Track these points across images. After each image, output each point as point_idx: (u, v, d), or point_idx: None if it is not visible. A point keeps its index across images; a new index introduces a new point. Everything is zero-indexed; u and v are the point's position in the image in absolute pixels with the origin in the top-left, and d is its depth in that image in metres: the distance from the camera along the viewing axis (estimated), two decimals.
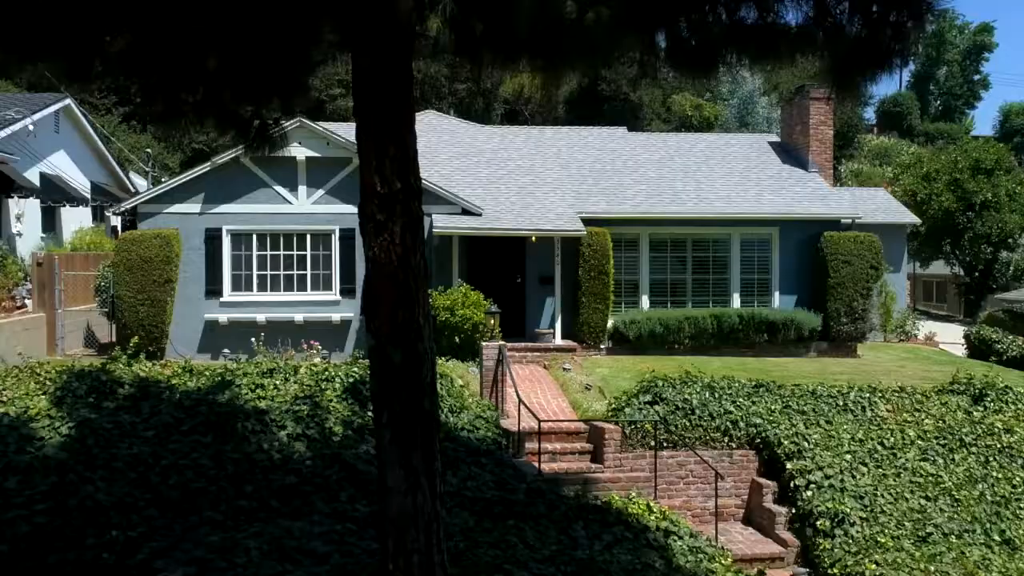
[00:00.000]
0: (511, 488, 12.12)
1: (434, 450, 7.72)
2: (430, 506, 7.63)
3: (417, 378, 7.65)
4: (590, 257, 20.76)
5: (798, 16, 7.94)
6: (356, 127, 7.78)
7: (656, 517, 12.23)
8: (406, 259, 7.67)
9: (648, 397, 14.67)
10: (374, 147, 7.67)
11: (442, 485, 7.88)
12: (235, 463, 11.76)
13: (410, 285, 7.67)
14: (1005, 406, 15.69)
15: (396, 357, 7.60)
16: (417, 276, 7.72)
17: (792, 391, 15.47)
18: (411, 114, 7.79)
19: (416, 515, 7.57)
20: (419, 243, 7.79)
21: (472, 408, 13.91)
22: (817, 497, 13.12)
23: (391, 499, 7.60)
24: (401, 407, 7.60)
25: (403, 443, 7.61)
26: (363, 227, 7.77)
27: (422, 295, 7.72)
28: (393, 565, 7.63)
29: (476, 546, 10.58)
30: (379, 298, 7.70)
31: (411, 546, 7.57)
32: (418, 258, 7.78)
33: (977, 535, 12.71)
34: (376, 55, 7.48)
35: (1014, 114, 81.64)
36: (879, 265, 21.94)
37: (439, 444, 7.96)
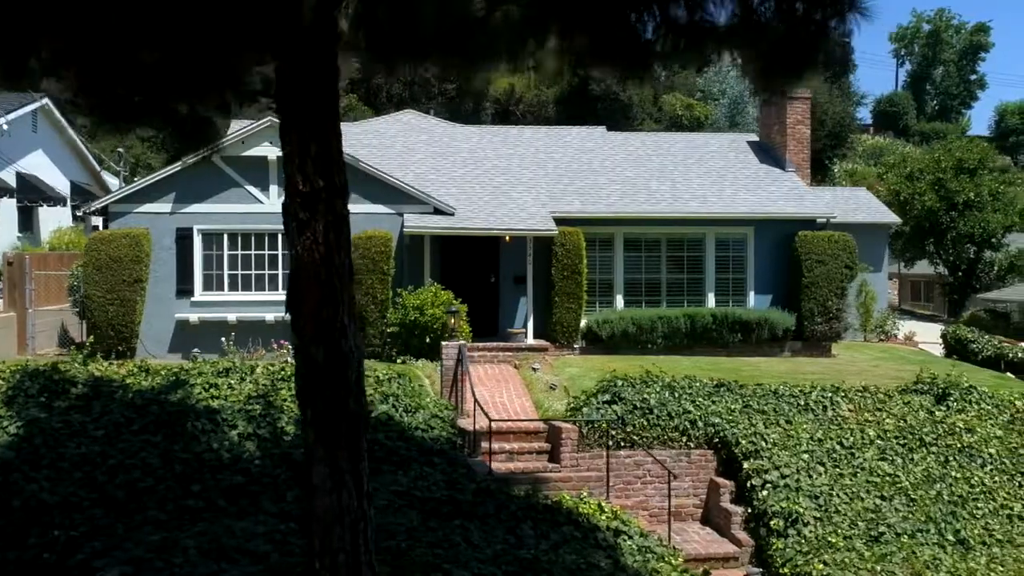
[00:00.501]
0: (461, 488, 12.11)
1: (360, 449, 7.71)
2: (356, 505, 7.63)
3: (342, 377, 7.64)
4: (563, 257, 20.73)
5: (725, 15, 7.93)
6: (279, 125, 7.79)
7: (607, 517, 12.22)
8: (330, 258, 7.67)
9: (607, 397, 14.66)
10: (296, 145, 7.67)
11: (369, 484, 7.88)
12: (184, 462, 11.77)
13: (334, 284, 7.67)
14: (968, 406, 15.65)
15: (319, 356, 7.60)
16: (342, 275, 7.71)
17: (754, 391, 15.46)
18: (334, 112, 7.78)
19: (342, 514, 7.57)
20: (344, 242, 7.78)
21: (429, 408, 13.90)
22: (772, 497, 13.10)
23: (317, 498, 7.59)
24: (325, 406, 7.59)
25: (328, 442, 7.60)
26: (287, 226, 7.77)
27: (347, 294, 7.72)
28: (319, 564, 7.63)
29: (418, 545, 10.58)
30: (303, 297, 7.70)
31: (337, 545, 7.57)
32: (343, 257, 7.77)
33: (931, 535, 12.68)
34: (291, 55, 7.48)
35: (1009, 114, 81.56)
36: (853, 265, 21.90)
37: (367, 443, 7.95)
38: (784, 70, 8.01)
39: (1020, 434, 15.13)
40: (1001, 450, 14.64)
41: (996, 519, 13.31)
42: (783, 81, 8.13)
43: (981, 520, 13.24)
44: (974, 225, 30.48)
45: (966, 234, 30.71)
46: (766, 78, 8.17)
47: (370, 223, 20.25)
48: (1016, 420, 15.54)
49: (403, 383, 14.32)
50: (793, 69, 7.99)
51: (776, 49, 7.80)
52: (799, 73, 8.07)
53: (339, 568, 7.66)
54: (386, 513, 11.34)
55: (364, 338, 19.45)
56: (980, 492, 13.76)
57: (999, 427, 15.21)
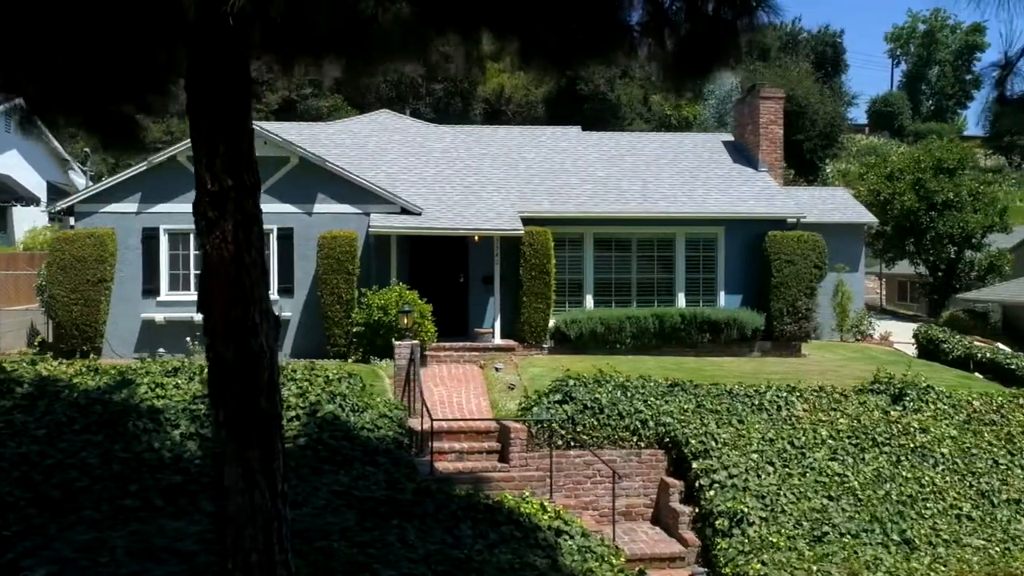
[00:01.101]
0: (401, 487, 12.11)
1: (274, 449, 7.68)
2: (270, 505, 7.60)
3: (253, 376, 7.61)
4: (531, 257, 20.72)
5: (638, 15, 7.93)
6: (189, 124, 7.77)
7: (549, 516, 12.21)
8: (240, 257, 7.63)
9: (558, 397, 14.65)
10: (205, 144, 7.63)
11: (285, 484, 7.85)
12: (123, 462, 11.76)
13: (244, 283, 7.63)
14: (925, 406, 15.63)
15: (228, 355, 7.57)
16: (252, 274, 7.68)
17: (708, 390, 15.44)
18: (244, 110, 7.74)
19: (254, 513, 7.54)
20: (255, 240, 7.74)
21: (378, 407, 13.89)
22: (719, 496, 13.08)
23: (229, 498, 7.58)
24: (236, 405, 7.56)
25: (239, 442, 7.58)
26: (197, 224, 7.75)
27: (258, 293, 7.69)
28: (232, 563, 7.61)
29: (351, 545, 10.57)
30: (212, 296, 7.67)
31: (249, 544, 7.54)
32: (253, 256, 7.73)
33: (876, 535, 12.65)
34: (195, 53, 7.46)
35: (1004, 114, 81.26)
36: (823, 264, 21.85)
37: (282, 443, 7.93)
38: (692, 69, 8.00)
39: (975, 434, 15.11)
40: (954, 450, 14.61)
41: (944, 519, 13.28)
42: (693, 78, 8.12)
43: (929, 520, 13.21)
44: (953, 225, 30.42)
45: (945, 234, 30.65)
46: (676, 75, 8.15)
47: (337, 223, 20.27)
48: (973, 420, 15.51)
49: (353, 383, 14.31)
50: (702, 67, 7.99)
51: (687, 48, 7.80)
52: (707, 71, 8.06)
53: (252, 568, 7.63)
54: (324, 513, 11.33)
55: (330, 338, 19.49)
56: (930, 492, 13.73)
57: (954, 427, 15.18)
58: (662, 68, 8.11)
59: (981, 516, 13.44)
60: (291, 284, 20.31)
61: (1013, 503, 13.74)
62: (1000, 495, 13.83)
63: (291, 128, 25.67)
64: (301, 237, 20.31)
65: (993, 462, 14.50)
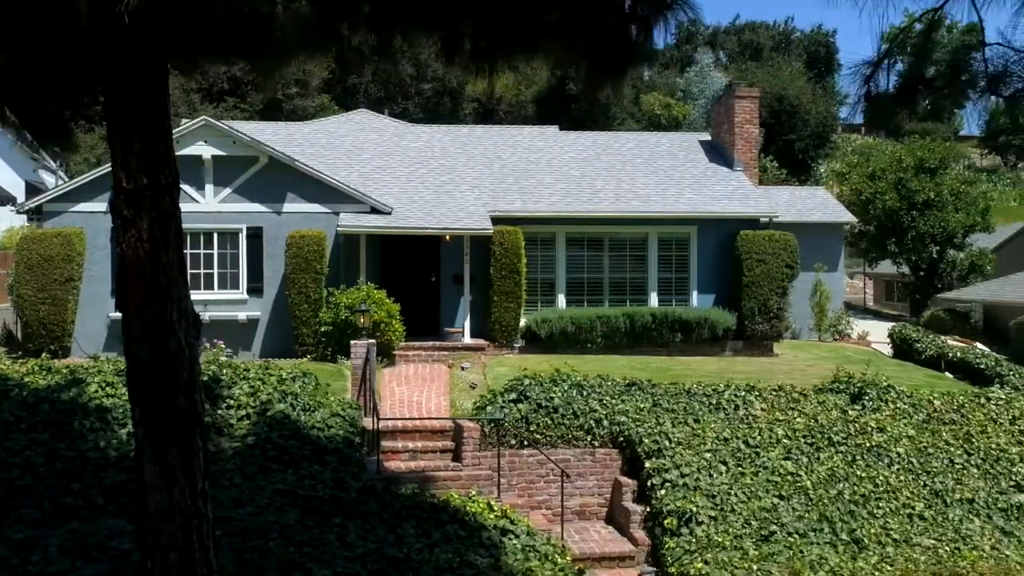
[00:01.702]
0: (347, 486, 12.10)
1: (193, 447, 7.68)
2: (189, 503, 7.60)
3: (170, 375, 7.62)
4: (501, 256, 20.71)
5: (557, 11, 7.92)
6: (106, 123, 7.77)
7: (495, 516, 12.19)
8: (156, 255, 7.63)
9: (513, 396, 14.64)
10: (120, 142, 7.63)
11: (206, 482, 7.85)
12: (67, 460, 11.77)
13: (160, 282, 7.63)
14: (884, 405, 15.59)
15: (143, 353, 7.57)
16: (169, 272, 7.68)
17: (666, 390, 15.41)
18: (161, 109, 7.73)
19: (172, 512, 7.55)
20: (172, 239, 7.74)
21: (332, 406, 13.88)
22: (669, 495, 13.06)
23: (148, 495, 7.58)
24: (154, 404, 7.57)
25: (157, 440, 7.58)
26: (113, 223, 7.75)
27: (175, 291, 7.68)
28: (151, 562, 7.62)
29: (288, 544, 10.57)
30: (129, 294, 7.68)
31: (167, 543, 7.55)
32: (170, 255, 7.73)
33: (824, 534, 12.62)
34: (101, 54, 7.46)
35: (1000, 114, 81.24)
36: (794, 264, 21.84)
37: (202, 442, 7.92)
38: (608, 68, 8.00)
39: (933, 433, 15.07)
40: (910, 449, 14.57)
41: (896, 518, 13.24)
42: (610, 75, 8.10)
43: (880, 519, 13.17)
44: (934, 224, 30.36)
45: (926, 234, 30.59)
46: (593, 72, 8.14)
47: (307, 222, 20.29)
48: (932, 419, 15.47)
49: (307, 382, 14.31)
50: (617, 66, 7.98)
51: (605, 45, 7.80)
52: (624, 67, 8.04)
53: (170, 566, 7.64)
54: (266, 512, 11.33)
55: (299, 337, 19.50)
56: (884, 491, 13.69)
57: (912, 426, 15.14)
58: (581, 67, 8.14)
59: (933, 516, 13.40)
60: (260, 284, 20.32)
61: (966, 503, 13.70)
62: (954, 495, 13.79)
63: (267, 128, 25.70)
64: (270, 236, 20.32)
65: (949, 461, 14.46)
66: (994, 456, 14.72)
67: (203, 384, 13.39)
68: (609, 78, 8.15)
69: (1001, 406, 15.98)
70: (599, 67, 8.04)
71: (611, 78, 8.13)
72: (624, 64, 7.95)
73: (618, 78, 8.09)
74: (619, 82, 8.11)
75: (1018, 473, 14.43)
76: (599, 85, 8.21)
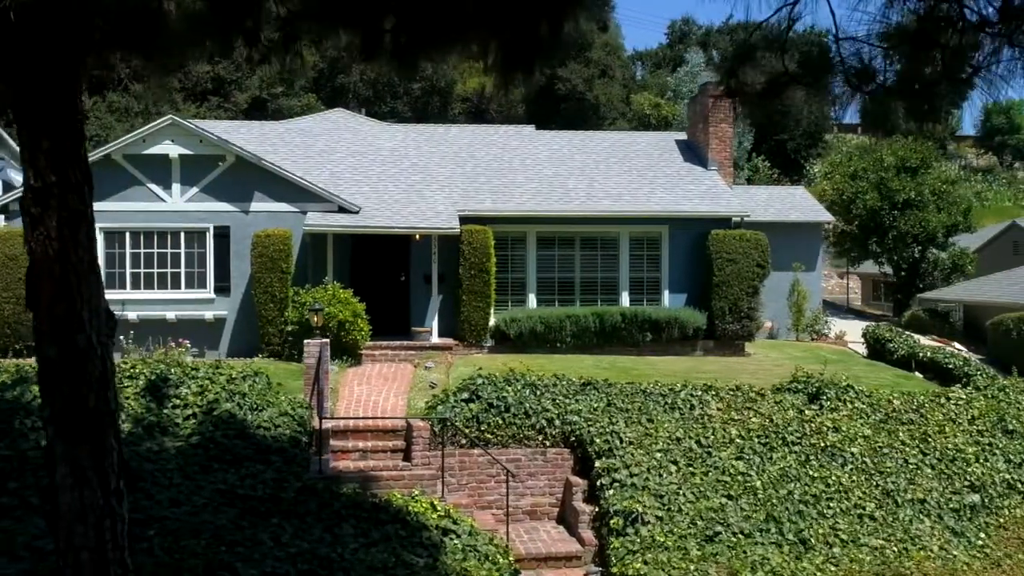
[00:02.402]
0: (287, 486, 12.05)
1: (105, 446, 7.62)
2: (102, 503, 7.55)
3: (80, 374, 7.56)
4: (470, 255, 20.65)
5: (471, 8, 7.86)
6: (15, 120, 7.72)
7: (438, 515, 12.14)
8: (64, 253, 7.57)
9: (465, 395, 14.58)
10: (28, 140, 7.58)
11: (121, 481, 7.80)
12: (6, 460, 11.73)
13: (70, 280, 7.57)
14: (842, 404, 15.51)
15: (51, 352, 7.51)
16: (80, 271, 7.62)
17: (621, 389, 15.35)
18: (70, 106, 7.66)
19: (84, 512, 7.50)
20: (82, 238, 7.68)
21: (281, 405, 13.84)
22: (617, 495, 13.00)
23: (60, 495, 7.53)
24: (64, 403, 7.51)
25: (68, 439, 7.53)
26: (23, 221, 7.70)
27: (85, 289, 7.63)
28: (63, 561, 7.57)
29: (220, 543, 10.53)
30: (38, 293, 7.63)
31: (79, 542, 7.49)
32: (80, 253, 7.66)
33: (771, 534, 12.55)
34: None
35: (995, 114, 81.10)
36: (765, 264, 21.74)
37: (117, 441, 7.87)
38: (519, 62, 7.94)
39: (890, 433, 14.99)
40: (865, 449, 14.50)
41: (846, 518, 13.17)
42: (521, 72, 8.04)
43: (830, 519, 13.10)
44: (914, 224, 30.26)
45: (907, 233, 30.49)
46: (505, 70, 8.09)
47: (274, 221, 20.25)
48: (890, 419, 15.39)
49: (257, 381, 14.27)
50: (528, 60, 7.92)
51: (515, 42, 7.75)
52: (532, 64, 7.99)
53: (83, 566, 7.59)
54: (202, 512, 11.28)
55: (264, 336, 19.45)
56: (835, 491, 13.62)
57: (869, 426, 15.07)
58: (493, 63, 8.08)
59: (884, 516, 13.32)
60: (227, 283, 20.28)
61: (918, 503, 13.63)
62: (905, 495, 13.72)
63: (242, 127, 25.68)
64: (238, 236, 20.28)
65: (904, 461, 14.39)
66: (950, 456, 14.64)
67: (151, 383, 13.40)
68: (520, 71, 8.11)
69: (961, 406, 15.90)
70: (511, 61, 7.98)
71: (522, 71, 8.08)
72: (533, 59, 7.89)
73: (529, 72, 8.04)
74: (530, 76, 8.06)
75: (973, 473, 14.35)
76: (511, 78, 8.17)
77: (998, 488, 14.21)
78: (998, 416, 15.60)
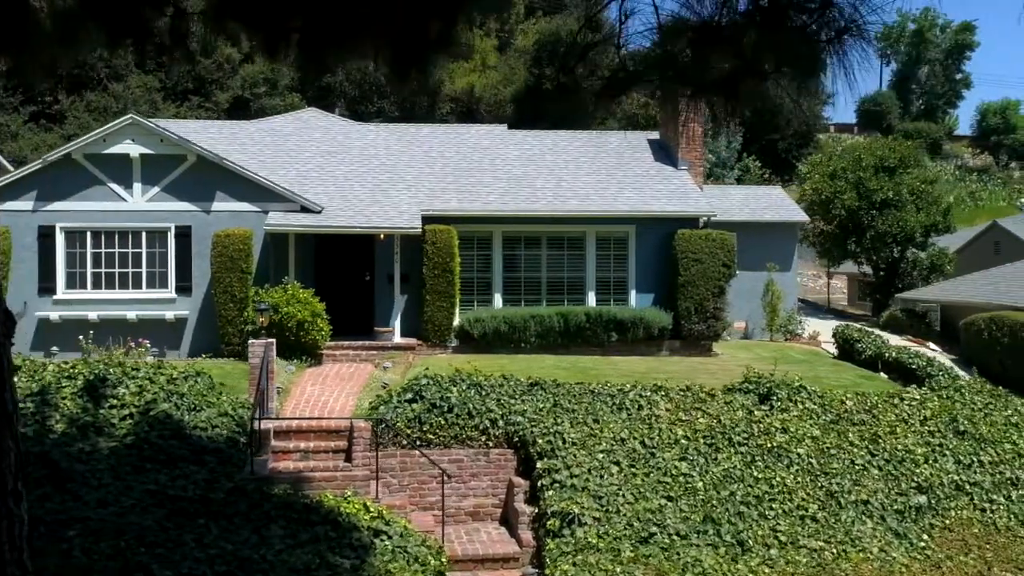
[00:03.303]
0: (219, 487, 11.98)
1: (3, 447, 7.56)
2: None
3: None
4: (433, 255, 20.59)
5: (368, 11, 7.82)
6: None
7: (370, 516, 12.06)
8: None
9: (409, 395, 14.50)
10: None
11: (19, 482, 7.72)
12: None
13: None
14: (793, 405, 15.41)
15: None
16: None
17: (569, 390, 15.26)
18: None
19: None
20: None
21: (222, 406, 13.77)
22: (556, 496, 12.91)
23: None
24: None
25: None
26: None
27: None
28: None
29: (141, 544, 10.46)
30: None
31: None
32: None
33: (708, 536, 12.45)
34: None
35: (991, 114, 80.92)
36: (731, 263, 21.63)
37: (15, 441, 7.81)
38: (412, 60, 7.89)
39: (839, 434, 14.88)
40: (812, 450, 14.39)
41: (787, 520, 13.06)
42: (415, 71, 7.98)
43: (771, 521, 12.99)
44: (892, 224, 30.11)
45: (885, 233, 30.34)
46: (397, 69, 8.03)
47: (236, 221, 20.19)
48: (841, 420, 15.29)
49: (199, 381, 14.21)
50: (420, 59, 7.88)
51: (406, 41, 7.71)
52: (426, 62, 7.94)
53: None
54: (129, 513, 11.22)
55: (224, 336, 19.39)
56: (778, 492, 13.52)
57: (818, 427, 14.96)
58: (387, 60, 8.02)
59: (826, 517, 13.22)
60: (189, 283, 20.23)
61: (861, 504, 13.51)
62: (849, 496, 13.61)
63: (211, 126, 25.65)
64: (199, 235, 20.22)
65: (851, 462, 14.28)
66: (899, 457, 14.53)
67: (88, 384, 13.33)
68: (414, 70, 8.06)
69: (914, 407, 15.79)
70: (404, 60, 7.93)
71: (416, 70, 8.03)
72: (425, 56, 7.84)
73: (423, 70, 7.99)
74: (423, 74, 8.00)
75: (921, 474, 14.24)
76: (406, 77, 8.12)
77: (946, 489, 14.10)
78: (951, 417, 15.49)
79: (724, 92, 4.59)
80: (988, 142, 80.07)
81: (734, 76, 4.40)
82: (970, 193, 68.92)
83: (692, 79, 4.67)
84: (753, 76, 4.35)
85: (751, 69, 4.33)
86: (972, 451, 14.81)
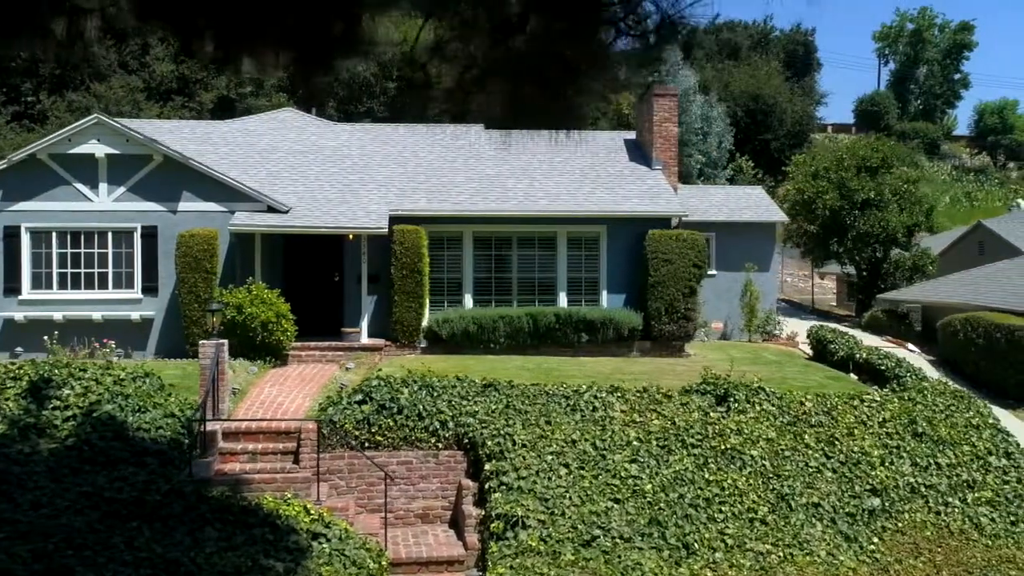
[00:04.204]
0: (155, 489, 11.89)
1: None
2: None
3: None
4: (402, 255, 20.49)
5: None
6: None
7: (310, 519, 11.96)
8: None
9: (359, 397, 14.40)
10: None
11: None
12: None
13: None
14: (750, 407, 15.27)
15: None
16: None
17: (523, 391, 15.14)
18: None
19: None
20: None
21: (168, 407, 13.68)
22: (502, 499, 12.80)
23: None
24: None
25: None
26: None
27: None
28: None
29: (69, 547, 10.36)
30: None
31: None
32: None
33: (653, 539, 12.33)
34: None
35: (988, 114, 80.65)
36: (702, 264, 21.50)
37: None
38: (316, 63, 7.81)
39: (795, 436, 14.75)
40: (766, 452, 14.26)
41: (736, 523, 12.93)
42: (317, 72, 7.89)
43: (720, 524, 12.86)
44: (874, 224, 29.94)
45: (868, 233, 30.17)
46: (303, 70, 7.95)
47: (202, 221, 20.10)
48: (799, 421, 15.15)
49: (146, 382, 14.12)
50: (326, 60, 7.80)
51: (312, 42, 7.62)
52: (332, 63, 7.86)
53: None
54: (63, 515, 11.13)
55: (189, 337, 19.30)
56: (729, 495, 13.38)
57: (774, 429, 14.82)
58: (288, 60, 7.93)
59: (776, 520, 13.08)
60: (155, 283, 20.15)
61: (812, 507, 13.38)
62: (801, 498, 13.47)
63: (184, 126, 25.59)
64: (165, 236, 20.13)
65: (804, 464, 14.14)
66: (854, 459, 14.39)
67: (32, 384, 13.23)
68: (320, 70, 7.98)
69: (874, 408, 15.64)
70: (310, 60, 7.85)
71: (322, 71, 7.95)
72: (330, 58, 7.76)
73: (329, 71, 7.92)
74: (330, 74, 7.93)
75: (876, 477, 14.09)
76: (312, 77, 8.04)
77: (901, 492, 13.96)
78: (909, 419, 15.34)
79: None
80: (986, 142, 79.81)
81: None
82: (966, 193, 68.66)
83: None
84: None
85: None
86: (929, 453, 14.67)
